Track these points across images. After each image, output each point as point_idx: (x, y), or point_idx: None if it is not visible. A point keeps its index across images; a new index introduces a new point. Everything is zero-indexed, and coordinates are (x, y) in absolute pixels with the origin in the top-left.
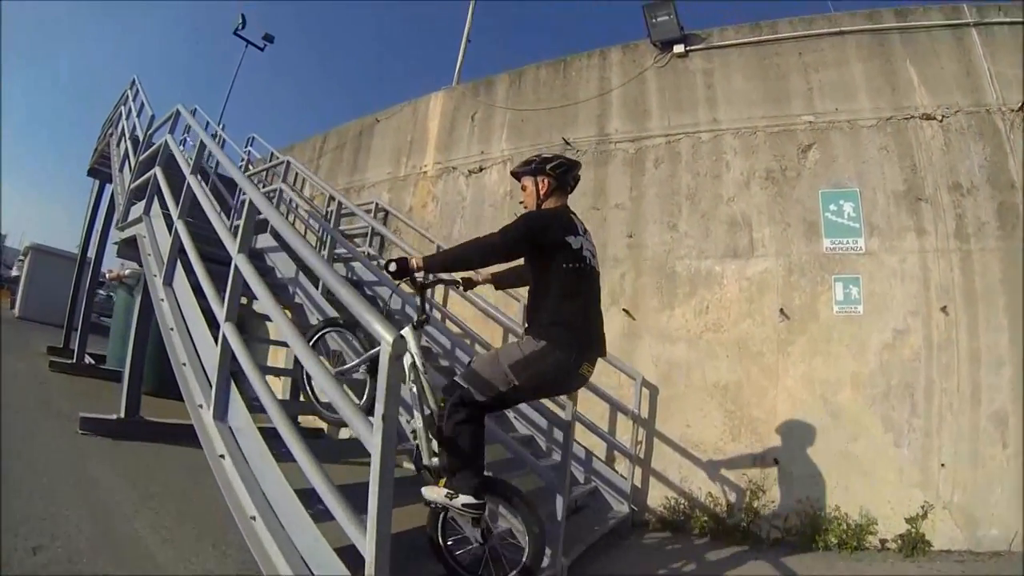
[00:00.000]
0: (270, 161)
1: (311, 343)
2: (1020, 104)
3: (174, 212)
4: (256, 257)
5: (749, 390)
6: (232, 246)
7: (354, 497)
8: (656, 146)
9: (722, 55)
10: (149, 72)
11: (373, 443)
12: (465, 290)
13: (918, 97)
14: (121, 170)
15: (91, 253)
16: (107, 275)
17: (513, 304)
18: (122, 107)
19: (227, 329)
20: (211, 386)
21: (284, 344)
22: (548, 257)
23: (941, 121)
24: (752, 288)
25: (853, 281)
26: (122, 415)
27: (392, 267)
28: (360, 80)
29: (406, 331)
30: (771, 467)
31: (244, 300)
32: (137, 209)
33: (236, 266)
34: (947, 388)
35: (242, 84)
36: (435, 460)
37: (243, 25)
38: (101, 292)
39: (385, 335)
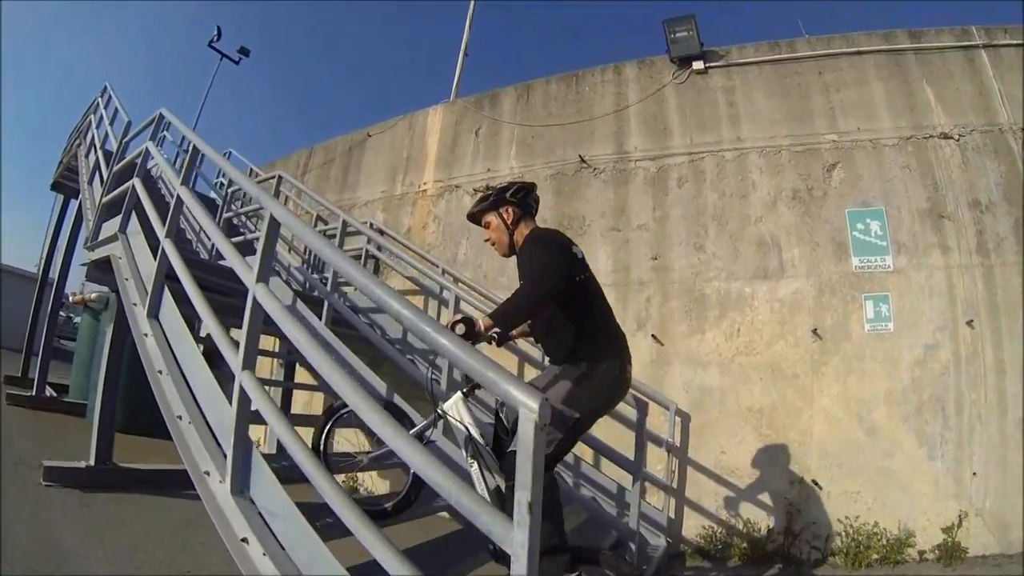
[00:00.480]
0: (250, 175)
1: (336, 416)
2: None
3: (159, 230)
4: (239, 283)
5: (784, 412)
6: (248, 274)
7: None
8: (679, 164)
9: (742, 73)
10: (112, 80)
11: (516, 541)
12: (499, 345)
13: (935, 117)
14: (90, 183)
15: (53, 273)
16: (70, 298)
17: None
18: (92, 115)
19: (245, 380)
20: (225, 456)
21: (277, 383)
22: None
23: (958, 140)
24: (784, 309)
25: (883, 299)
26: (92, 462)
27: (460, 329)
28: (344, 94)
29: (455, 399)
30: (809, 488)
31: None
32: (111, 226)
33: (255, 298)
34: (976, 399)
35: (211, 96)
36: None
37: (218, 37)
38: (61, 313)
39: (526, 400)
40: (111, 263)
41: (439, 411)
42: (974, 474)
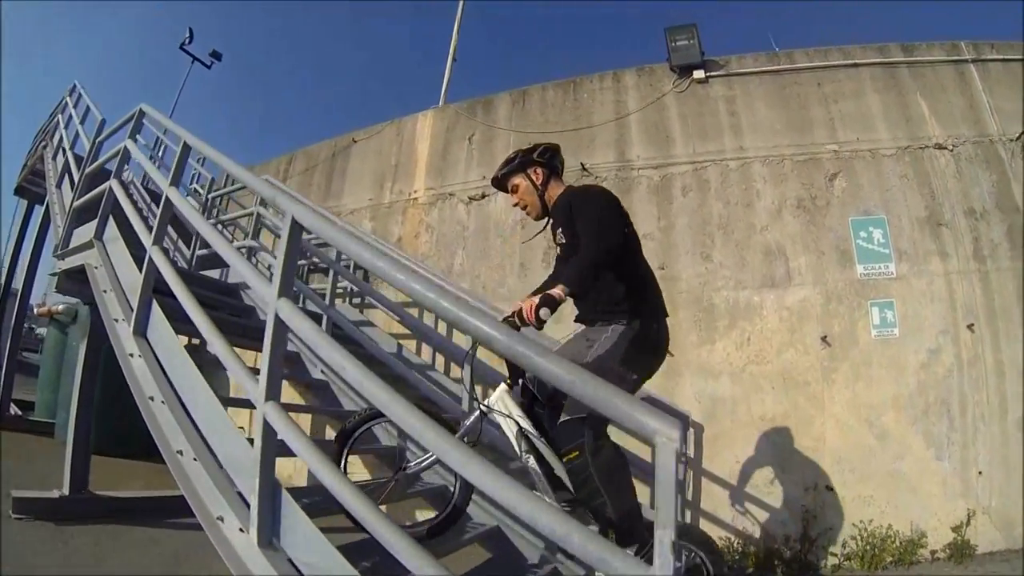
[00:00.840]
0: (226, 183)
1: (352, 440)
2: (1018, 135)
3: (145, 238)
4: (229, 294)
5: (796, 420)
6: (267, 288)
7: None
8: (682, 173)
9: (742, 82)
10: (81, 80)
11: None
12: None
13: (930, 128)
14: (59, 186)
15: (17, 283)
16: (35, 309)
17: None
18: (60, 115)
19: (270, 412)
20: (247, 504)
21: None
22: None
23: (952, 151)
24: (792, 317)
25: (888, 305)
26: (66, 491)
27: (545, 314)
28: (321, 100)
29: (500, 392)
30: (823, 494)
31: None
32: (84, 232)
33: (278, 316)
34: (978, 400)
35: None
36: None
37: (190, 39)
38: (24, 325)
39: (665, 428)
40: (85, 273)
41: (483, 407)
42: (980, 473)
